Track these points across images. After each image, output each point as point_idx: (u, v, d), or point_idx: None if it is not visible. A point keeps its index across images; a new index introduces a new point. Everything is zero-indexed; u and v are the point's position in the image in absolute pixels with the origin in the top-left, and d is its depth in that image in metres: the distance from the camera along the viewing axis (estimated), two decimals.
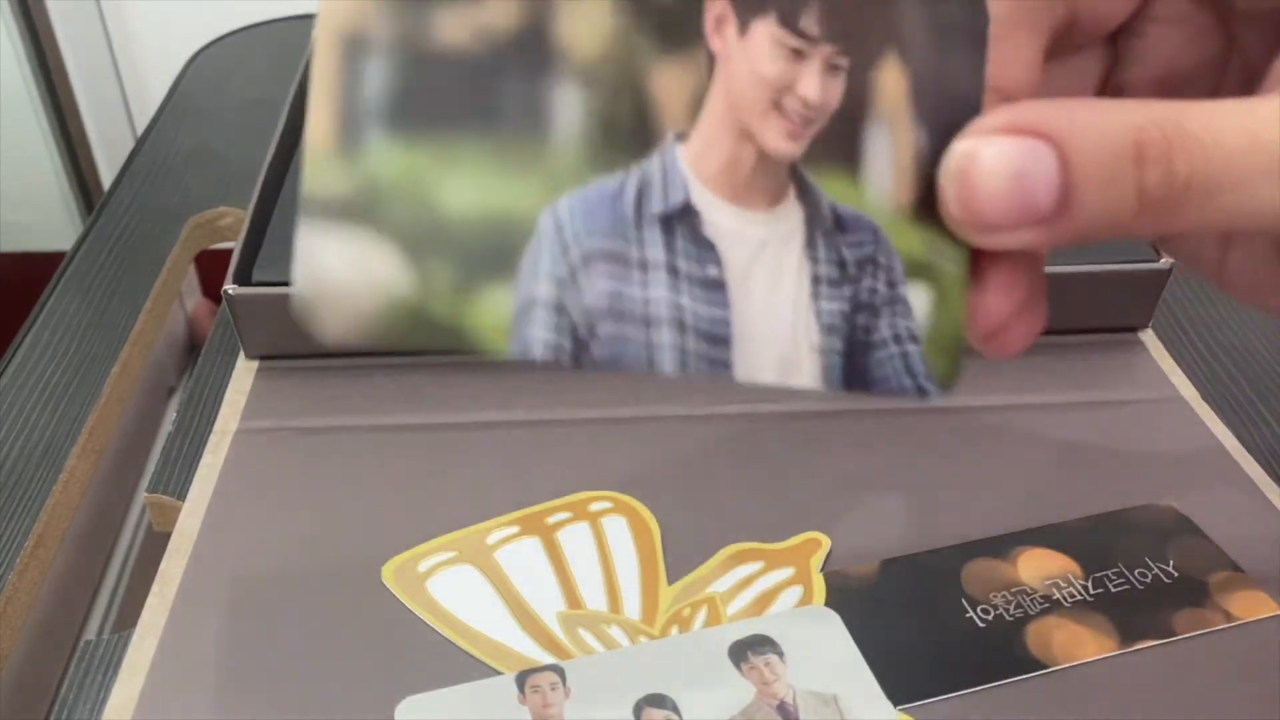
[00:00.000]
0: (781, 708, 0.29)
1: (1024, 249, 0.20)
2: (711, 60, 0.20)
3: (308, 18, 0.66)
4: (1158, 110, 0.18)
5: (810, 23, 0.20)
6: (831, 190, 0.21)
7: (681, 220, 0.20)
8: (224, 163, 0.55)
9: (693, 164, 0.20)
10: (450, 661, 0.30)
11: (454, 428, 0.39)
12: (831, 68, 0.20)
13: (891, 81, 0.21)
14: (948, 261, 0.21)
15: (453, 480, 0.36)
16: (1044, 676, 0.30)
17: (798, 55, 0.20)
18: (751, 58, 0.20)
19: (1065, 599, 0.32)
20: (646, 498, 0.35)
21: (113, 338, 0.44)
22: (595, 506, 0.35)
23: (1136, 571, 0.33)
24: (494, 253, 0.18)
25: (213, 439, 0.38)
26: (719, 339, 0.20)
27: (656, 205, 0.19)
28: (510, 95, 0.19)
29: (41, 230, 0.89)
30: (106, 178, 0.87)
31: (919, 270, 0.21)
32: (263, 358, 0.42)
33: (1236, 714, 0.29)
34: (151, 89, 0.83)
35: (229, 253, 0.41)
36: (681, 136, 0.20)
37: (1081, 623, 0.31)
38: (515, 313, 0.18)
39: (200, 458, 0.37)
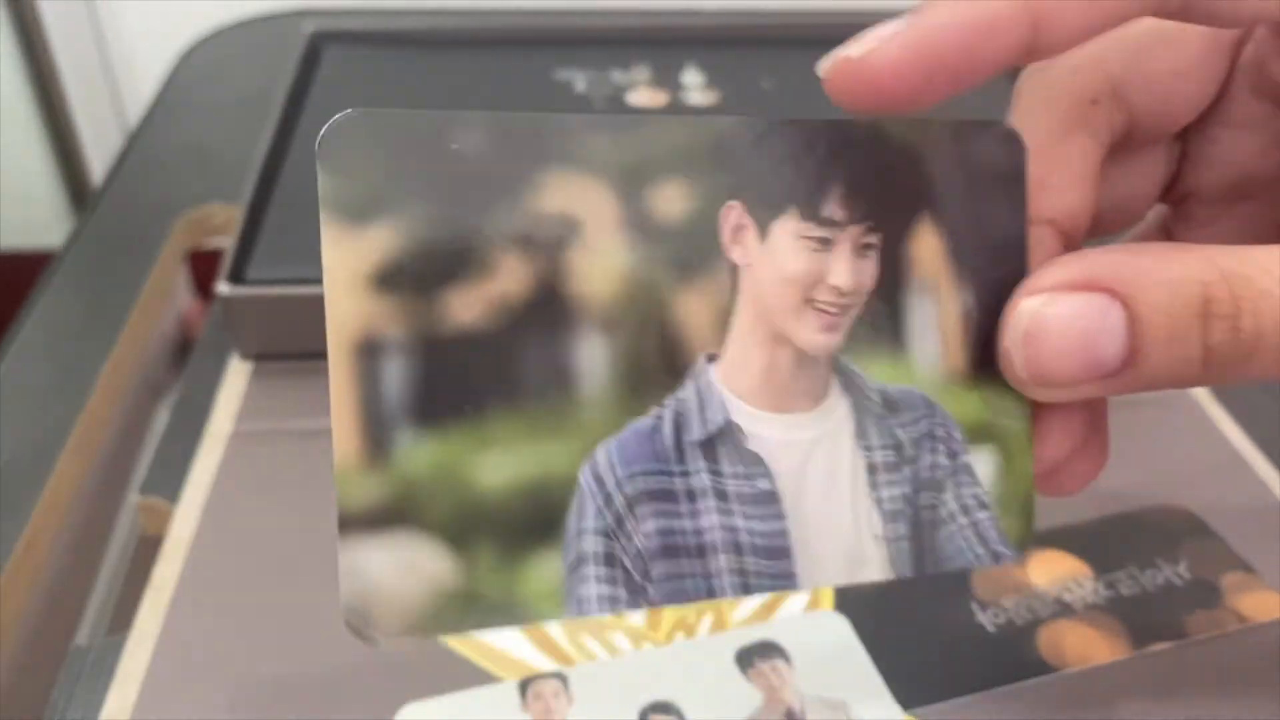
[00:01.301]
0: (789, 714, 0.28)
1: (1086, 400, 0.19)
2: (733, 272, 0.19)
3: (300, 14, 0.65)
4: (1223, 260, 0.18)
5: (834, 207, 0.19)
6: (876, 372, 0.20)
7: (723, 440, 0.19)
8: (216, 159, 0.55)
9: (728, 381, 0.19)
10: (451, 668, 0.30)
11: None
12: (862, 247, 0.19)
13: (928, 245, 0.20)
14: (1011, 419, 0.20)
15: None
16: (1055, 680, 0.30)
17: (824, 244, 0.19)
18: (776, 261, 0.19)
19: (1076, 602, 0.32)
20: None
21: (103, 337, 0.44)
22: None
23: (1148, 573, 0.33)
24: (536, 521, 0.18)
25: (207, 441, 0.37)
26: (778, 551, 0.19)
27: (696, 432, 0.19)
28: (533, 362, 0.18)
29: (30, 228, 0.89)
30: (97, 174, 0.87)
31: (981, 433, 0.20)
32: (257, 358, 0.41)
33: (1249, 717, 0.29)
34: (142, 85, 0.82)
35: (220, 251, 0.41)
36: (713, 356, 0.19)
37: (1093, 625, 0.31)
38: (565, 575, 0.18)
39: (192, 460, 0.37)
